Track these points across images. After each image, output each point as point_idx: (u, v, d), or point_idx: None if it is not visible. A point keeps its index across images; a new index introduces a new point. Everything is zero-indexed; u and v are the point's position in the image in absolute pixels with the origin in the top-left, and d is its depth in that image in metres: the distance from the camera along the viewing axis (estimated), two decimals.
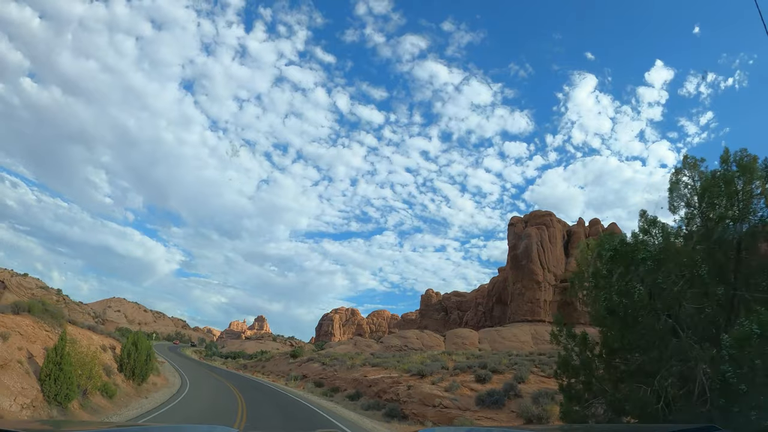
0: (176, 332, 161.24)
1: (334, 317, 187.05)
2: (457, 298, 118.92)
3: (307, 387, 38.56)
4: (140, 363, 28.62)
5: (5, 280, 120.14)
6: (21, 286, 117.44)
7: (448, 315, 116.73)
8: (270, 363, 59.48)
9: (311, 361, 51.62)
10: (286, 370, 51.96)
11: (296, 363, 53.38)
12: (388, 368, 35.20)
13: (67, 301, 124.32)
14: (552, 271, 79.86)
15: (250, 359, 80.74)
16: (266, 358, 64.15)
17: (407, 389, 25.94)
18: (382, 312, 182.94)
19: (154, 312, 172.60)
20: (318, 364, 49.02)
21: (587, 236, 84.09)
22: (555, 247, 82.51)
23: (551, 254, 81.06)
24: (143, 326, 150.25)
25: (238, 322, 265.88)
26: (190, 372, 45.37)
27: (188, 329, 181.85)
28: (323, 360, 49.16)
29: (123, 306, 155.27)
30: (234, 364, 68.21)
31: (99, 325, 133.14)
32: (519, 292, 78.88)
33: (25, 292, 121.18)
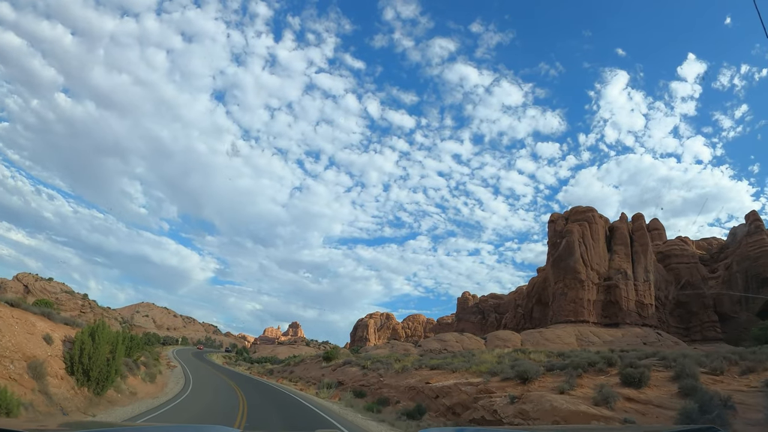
0: (206, 337, 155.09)
1: (369, 322, 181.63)
2: (495, 301, 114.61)
3: (345, 398, 28.48)
4: (98, 363, 19.31)
5: (29, 285, 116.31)
6: (45, 291, 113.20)
7: (486, 318, 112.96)
8: (299, 367, 50.00)
9: (348, 364, 41.67)
10: (318, 375, 42.20)
11: (330, 367, 43.57)
12: (457, 371, 24.77)
13: (93, 305, 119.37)
14: (595, 269, 75.69)
15: (279, 364, 72.00)
16: (295, 362, 54.70)
17: (511, 402, 15.49)
18: (418, 316, 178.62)
19: (184, 317, 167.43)
20: (357, 368, 39.03)
21: (630, 232, 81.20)
22: (597, 243, 78.31)
23: (594, 251, 77.05)
24: (172, 331, 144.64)
25: (273, 329, 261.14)
26: (201, 379, 36.37)
27: (219, 335, 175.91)
28: (363, 363, 39.11)
29: (151, 311, 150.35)
30: (259, 370, 59.28)
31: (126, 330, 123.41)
32: (561, 291, 75.42)
33: (49, 295, 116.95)
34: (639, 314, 72.69)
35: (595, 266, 75.96)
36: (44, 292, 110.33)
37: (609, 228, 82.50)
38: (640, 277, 76.22)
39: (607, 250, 79.29)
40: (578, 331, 66.65)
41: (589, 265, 75.47)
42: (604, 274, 75.61)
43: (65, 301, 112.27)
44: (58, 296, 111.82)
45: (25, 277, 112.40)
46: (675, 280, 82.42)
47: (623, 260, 77.24)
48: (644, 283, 75.84)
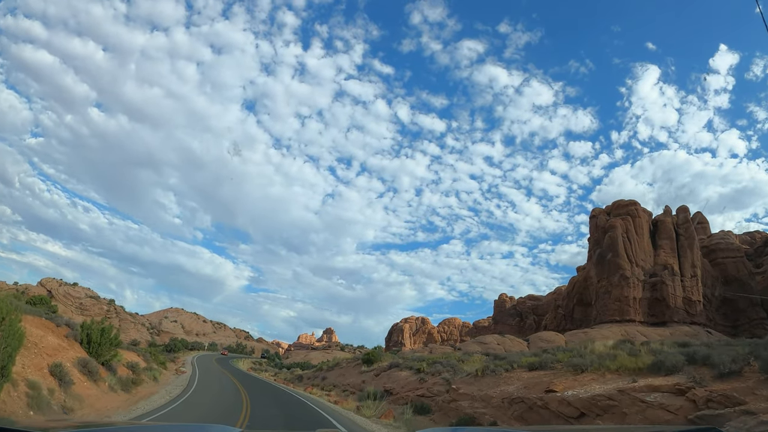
0: (237, 343, 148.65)
1: (404, 326, 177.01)
2: (532, 302, 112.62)
3: (403, 417, 18.84)
4: None
5: (53, 290, 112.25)
6: (69, 296, 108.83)
7: (524, 320, 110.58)
8: (333, 373, 40.85)
9: (396, 368, 32.17)
10: (358, 382, 32.89)
11: (372, 372, 34.20)
12: (585, 370, 14.82)
13: (119, 310, 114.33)
14: (640, 265, 72.96)
15: (311, 369, 63.45)
16: (328, 367, 45.49)
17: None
18: (453, 320, 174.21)
19: (214, 322, 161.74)
20: (408, 372, 29.52)
21: (675, 225, 78.87)
22: (642, 238, 75.55)
23: (638, 247, 74.38)
24: (201, 337, 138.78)
25: (307, 335, 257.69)
26: (206, 388, 27.80)
27: (251, 340, 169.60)
28: (416, 365, 29.56)
29: (180, 316, 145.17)
30: (286, 376, 50.65)
31: (154, 335, 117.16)
32: (605, 290, 73.20)
33: (73, 300, 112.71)
34: (687, 312, 69.79)
35: (640, 262, 73.28)
36: (68, 297, 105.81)
37: (653, 222, 79.21)
38: (687, 272, 73.44)
39: (652, 245, 76.41)
40: (624, 330, 62.85)
41: (633, 262, 72.91)
42: (649, 270, 72.93)
43: (89, 306, 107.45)
44: (82, 301, 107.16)
45: (48, 282, 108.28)
46: (721, 276, 78.79)
47: (669, 255, 74.27)
48: (691, 279, 72.96)
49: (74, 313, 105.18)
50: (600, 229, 78.28)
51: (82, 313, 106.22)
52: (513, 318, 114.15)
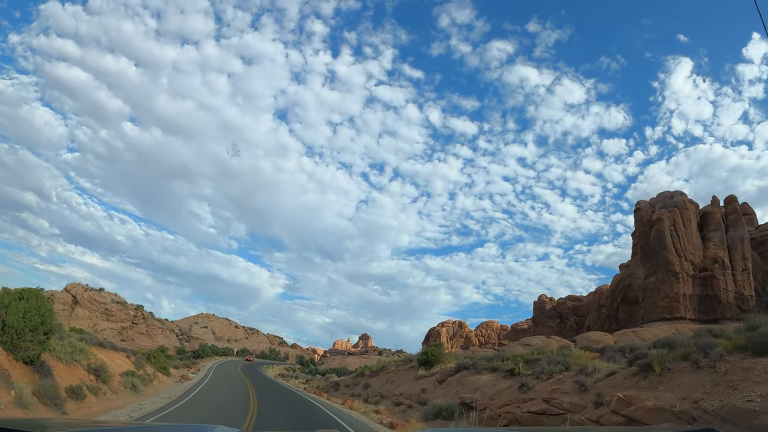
0: (270, 349, 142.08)
1: (441, 330, 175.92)
2: (573, 303, 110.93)
3: None
4: None
5: (77, 295, 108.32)
6: (94, 301, 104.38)
7: (564, 321, 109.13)
8: (379, 379, 31.80)
9: (467, 370, 23.00)
10: (414, 391, 23.85)
11: (432, 377, 25.07)
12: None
13: (147, 316, 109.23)
14: (689, 259, 71.03)
15: (348, 375, 55.03)
16: (371, 372, 36.27)
17: None
18: (491, 323, 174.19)
19: (246, 328, 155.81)
20: (491, 375, 20.36)
21: (724, 216, 76.91)
22: (690, 231, 73.60)
23: (687, 240, 72.41)
24: (233, 343, 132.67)
25: (342, 341, 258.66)
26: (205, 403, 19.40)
27: (285, 346, 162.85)
28: (503, 365, 20.27)
29: (211, 322, 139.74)
30: (320, 384, 42.06)
31: (183, 342, 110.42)
32: (653, 286, 71.24)
33: (98, 306, 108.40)
34: (739, 307, 66.34)
35: (689, 256, 71.34)
36: (93, 302, 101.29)
37: (699, 214, 77.11)
38: (738, 266, 70.84)
39: (700, 238, 74.40)
40: (675, 329, 60.15)
41: (682, 256, 70.76)
42: (699, 264, 71.05)
43: (115, 311, 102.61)
44: (108, 306, 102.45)
45: (74, 288, 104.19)
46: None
47: (718, 248, 71.79)
48: (743, 273, 70.42)
49: (99, 319, 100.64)
50: (646, 223, 75.49)
51: (107, 319, 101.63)
52: (553, 319, 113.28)
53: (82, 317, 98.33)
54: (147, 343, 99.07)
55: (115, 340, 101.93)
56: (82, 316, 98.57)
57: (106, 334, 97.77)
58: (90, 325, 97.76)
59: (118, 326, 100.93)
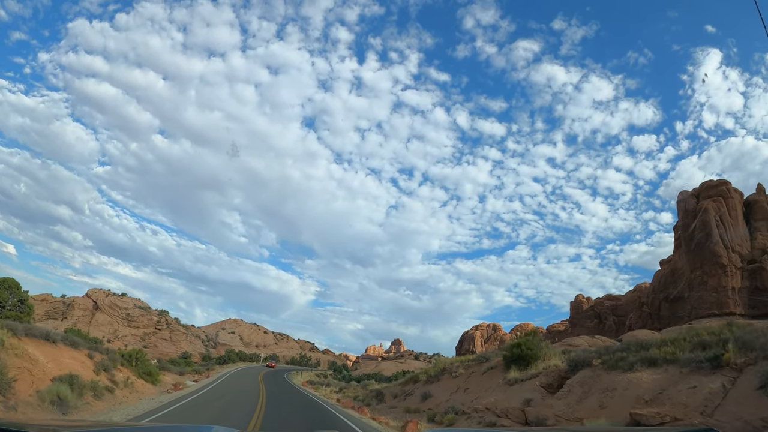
0: (301, 355, 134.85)
1: (476, 334, 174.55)
2: (611, 302, 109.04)
3: None
4: None
5: (98, 301, 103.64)
6: (115, 306, 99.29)
7: (602, 321, 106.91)
8: (441, 385, 22.93)
9: (604, 367, 13.97)
10: (514, 404, 15.08)
11: (534, 380, 16.14)
12: None
13: (170, 322, 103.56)
14: (737, 250, 68.77)
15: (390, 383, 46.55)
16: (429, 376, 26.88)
17: None
18: (526, 325, 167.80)
19: (276, 333, 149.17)
20: (661, 372, 11.32)
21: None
22: (736, 221, 71.28)
23: (733, 230, 70.69)
24: (262, 349, 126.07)
25: (374, 347, 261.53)
26: None
27: (316, 352, 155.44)
28: (680, 352, 11.23)
29: (239, 327, 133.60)
30: (358, 393, 33.61)
31: (209, 348, 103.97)
32: (699, 281, 69.38)
33: (119, 311, 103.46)
34: None
35: (736, 248, 69.03)
36: (114, 307, 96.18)
37: (745, 203, 74.82)
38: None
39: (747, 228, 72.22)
40: None
41: (729, 247, 68.65)
42: (746, 255, 68.76)
43: (138, 316, 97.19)
44: (129, 312, 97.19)
45: (95, 293, 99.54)
46: None
47: (767, 238, 69.59)
48: None
49: (120, 324, 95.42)
50: (689, 214, 73.50)
51: (129, 324, 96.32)
52: (591, 320, 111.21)
53: (102, 323, 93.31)
54: (170, 349, 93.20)
55: (137, 346, 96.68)
56: (103, 321, 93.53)
57: (127, 340, 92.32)
58: (111, 331, 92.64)
59: (140, 332, 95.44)
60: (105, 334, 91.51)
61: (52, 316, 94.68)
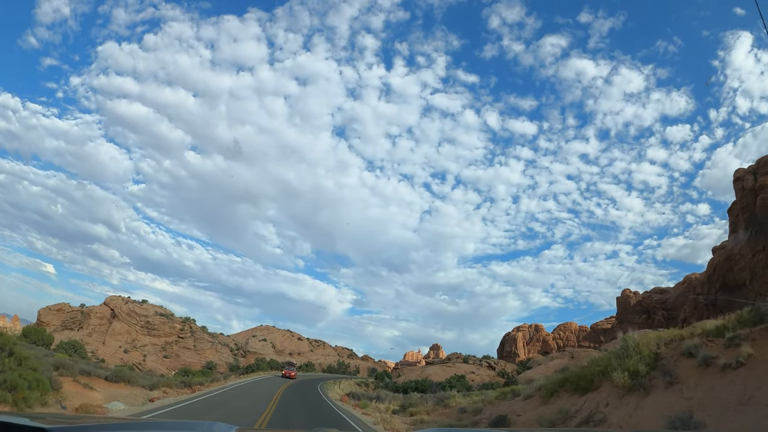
0: (339, 362, 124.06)
1: (517, 335, 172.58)
2: (659, 296, 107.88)
3: None
4: None
5: (116, 308, 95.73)
6: (134, 314, 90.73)
7: (651, 317, 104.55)
8: (622, 405, 11.32)
9: None
10: None
11: None
12: None
13: (195, 329, 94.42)
14: None
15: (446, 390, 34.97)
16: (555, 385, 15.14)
17: None
18: (569, 325, 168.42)
19: (311, 340, 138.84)
20: None
21: None
22: None
23: None
24: (295, 356, 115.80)
25: (413, 353, 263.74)
26: None
27: (355, 358, 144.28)
28: None
29: (271, 334, 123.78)
30: (428, 410, 21.98)
31: (239, 357, 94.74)
32: (764, 264, 63.35)
33: (138, 319, 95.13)
34: None
35: None
36: (132, 315, 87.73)
37: None
38: None
39: None
40: None
41: None
42: None
43: (158, 324, 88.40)
44: (149, 319, 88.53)
45: (113, 300, 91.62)
46: None
47: None
48: None
49: (139, 333, 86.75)
50: (748, 192, 70.43)
51: (149, 333, 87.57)
52: (639, 315, 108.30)
53: (119, 332, 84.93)
54: (193, 359, 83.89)
55: (157, 356, 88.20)
56: (120, 330, 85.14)
57: (146, 350, 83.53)
58: (128, 341, 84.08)
59: (161, 341, 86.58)
60: (122, 344, 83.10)
61: (69, 326, 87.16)
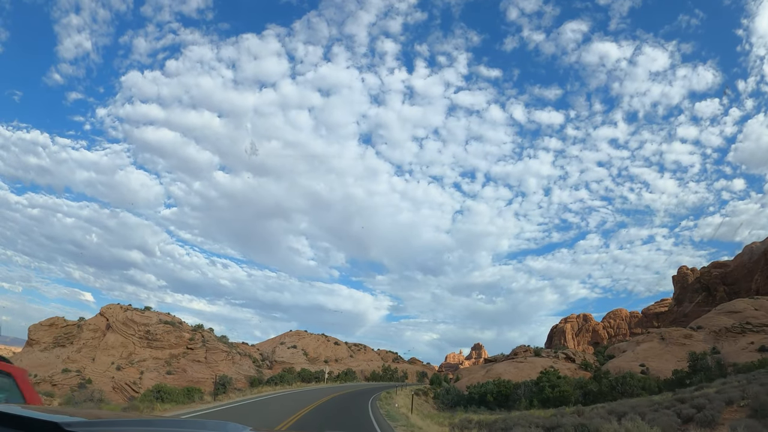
0: (384, 367, 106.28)
1: (566, 327, 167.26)
2: (719, 270, 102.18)
3: None
4: None
5: (111, 318, 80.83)
6: (131, 323, 75.14)
7: (712, 293, 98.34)
8: None
9: None
10: None
11: None
12: None
13: (209, 338, 78.19)
14: None
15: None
16: None
17: None
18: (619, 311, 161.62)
19: (350, 344, 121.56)
20: None
21: None
22: None
23: None
24: (332, 364, 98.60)
25: (455, 354, 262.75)
26: None
27: (401, 362, 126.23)
28: None
29: (302, 340, 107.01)
30: None
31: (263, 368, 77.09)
32: None
33: (136, 329, 79.67)
34: None
35: None
36: (128, 324, 72.23)
37: None
38: None
39: None
40: None
41: None
42: None
43: (161, 334, 72.57)
44: (150, 328, 72.89)
45: (109, 309, 76.64)
46: None
47: None
48: None
49: (138, 345, 71.03)
50: None
51: (149, 345, 71.74)
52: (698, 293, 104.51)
53: (113, 345, 69.53)
54: (203, 373, 67.51)
55: (159, 372, 72.40)
56: (114, 343, 69.71)
57: (146, 365, 67.69)
58: (124, 355, 68.54)
59: (165, 354, 70.65)
60: (116, 359, 67.47)
61: (62, 343, 72.59)
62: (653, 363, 54.60)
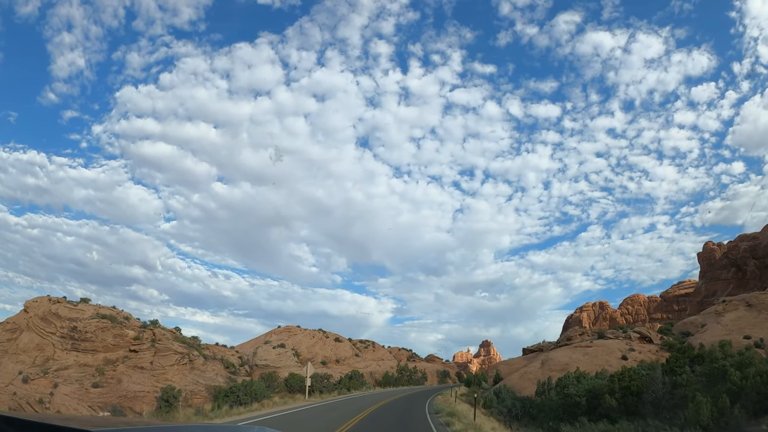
0: (399, 368, 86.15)
1: (582, 316, 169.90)
2: (748, 243, 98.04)
3: None
4: None
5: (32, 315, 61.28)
6: (54, 317, 55.37)
7: (742, 269, 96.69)
8: None
9: None
10: None
11: None
12: None
13: (159, 338, 58.07)
14: None
15: None
16: None
17: None
18: (637, 297, 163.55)
19: (354, 341, 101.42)
20: None
21: None
22: None
23: None
24: (333, 365, 78.97)
25: (462, 353, 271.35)
26: None
27: (418, 361, 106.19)
28: None
29: (293, 337, 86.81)
30: None
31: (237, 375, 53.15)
32: None
33: (58, 326, 58.77)
34: None
35: None
36: (48, 321, 52.38)
37: None
38: None
39: None
40: None
41: None
42: None
43: (94, 332, 52.54)
44: (78, 326, 52.96)
45: (33, 305, 56.93)
46: None
47: None
48: None
49: (59, 348, 50.80)
50: None
51: (74, 347, 51.51)
52: (727, 270, 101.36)
53: (27, 348, 49.74)
54: (144, 385, 47.57)
55: (81, 384, 52.74)
56: (28, 345, 49.89)
57: (69, 374, 47.64)
58: (39, 361, 48.62)
59: (98, 358, 50.67)
60: (26, 367, 47.27)
61: None
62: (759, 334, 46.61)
